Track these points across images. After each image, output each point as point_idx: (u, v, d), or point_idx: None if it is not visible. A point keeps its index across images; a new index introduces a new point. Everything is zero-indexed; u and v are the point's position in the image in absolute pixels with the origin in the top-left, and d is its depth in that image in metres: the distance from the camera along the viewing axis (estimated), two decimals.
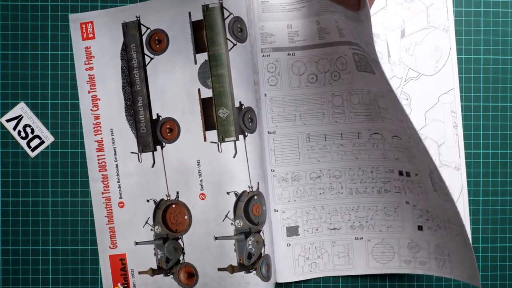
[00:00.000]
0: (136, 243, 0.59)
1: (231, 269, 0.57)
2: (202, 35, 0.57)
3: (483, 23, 0.61)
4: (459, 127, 0.60)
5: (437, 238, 0.56)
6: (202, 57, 0.57)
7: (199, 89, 0.57)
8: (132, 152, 0.59)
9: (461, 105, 0.60)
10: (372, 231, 0.59)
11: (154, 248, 0.59)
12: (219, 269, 0.58)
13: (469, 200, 0.60)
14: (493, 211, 0.61)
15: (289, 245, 0.60)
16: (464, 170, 0.60)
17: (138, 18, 0.59)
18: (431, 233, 0.57)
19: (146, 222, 0.59)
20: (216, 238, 0.58)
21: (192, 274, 0.59)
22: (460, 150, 0.60)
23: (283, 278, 0.60)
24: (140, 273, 0.59)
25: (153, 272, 0.59)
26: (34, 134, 0.59)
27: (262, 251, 0.57)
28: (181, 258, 0.59)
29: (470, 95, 0.61)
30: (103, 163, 0.59)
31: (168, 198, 0.59)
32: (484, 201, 0.61)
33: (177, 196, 0.58)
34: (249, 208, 0.57)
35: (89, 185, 0.59)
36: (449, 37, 0.60)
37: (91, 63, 0.59)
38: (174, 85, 0.58)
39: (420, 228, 0.58)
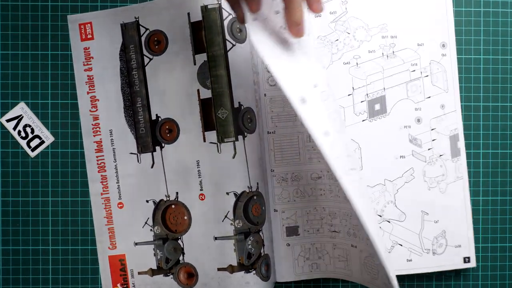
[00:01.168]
0: (136, 244, 0.59)
1: (231, 269, 0.57)
2: (201, 35, 0.57)
3: (483, 23, 0.60)
4: (459, 128, 0.60)
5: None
6: (201, 57, 0.57)
7: (198, 90, 0.57)
8: (131, 153, 0.59)
9: (461, 105, 0.60)
10: (362, 243, 0.57)
11: (153, 249, 0.59)
12: (218, 269, 0.58)
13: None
14: (493, 211, 0.61)
15: (289, 245, 0.60)
16: (465, 170, 0.60)
17: (137, 19, 0.58)
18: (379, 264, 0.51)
19: (146, 223, 0.59)
20: (215, 238, 0.58)
21: (192, 274, 0.59)
22: (461, 150, 0.60)
23: (282, 278, 0.60)
24: (139, 273, 0.59)
25: (152, 272, 0.59)
26: (34, 134, 0.59)
27: (262, 251, 0.58)
28: (180, 258, 0.59)
29: (470, 95, 0.60)
30: (102, 164, 0.59)
31: (168, 198, 0.59)
32: (484, 201, 0.61)
33: (177, 197, 0.58)
34: (249, 208, 0.57)
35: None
36: (448, 35, 0.60)
37: (90, 64, 0.59)
38: (174, 85, 0.58)
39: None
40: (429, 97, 0.59)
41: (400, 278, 0.60)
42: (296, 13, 0.45)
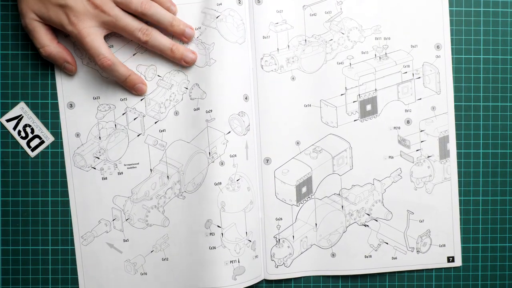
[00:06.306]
0: None
1: None
2: None
3: (483, 23, 0.60)
4: (450, 129, 0.60)
5: None
6: None
7: None
8: None
9: (462, 105, 0.60)
10: None
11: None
12: None
13: (469, 200, 0.60)
14: (493, 211, 0.61)
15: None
16: (455, 171, 0.60)
17: None
18: None
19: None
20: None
21: None
22: (450, 151, 0.60)
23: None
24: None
25: None
26: (34, 134, 0.59)
27: None
28: None
29: (470, 95, 0.61)
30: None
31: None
32: (484, 201, 0.61)
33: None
34: None
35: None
36: (444, 37, 0.60)
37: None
38: None
39: None
40: (420, 98, 0.60)
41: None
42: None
